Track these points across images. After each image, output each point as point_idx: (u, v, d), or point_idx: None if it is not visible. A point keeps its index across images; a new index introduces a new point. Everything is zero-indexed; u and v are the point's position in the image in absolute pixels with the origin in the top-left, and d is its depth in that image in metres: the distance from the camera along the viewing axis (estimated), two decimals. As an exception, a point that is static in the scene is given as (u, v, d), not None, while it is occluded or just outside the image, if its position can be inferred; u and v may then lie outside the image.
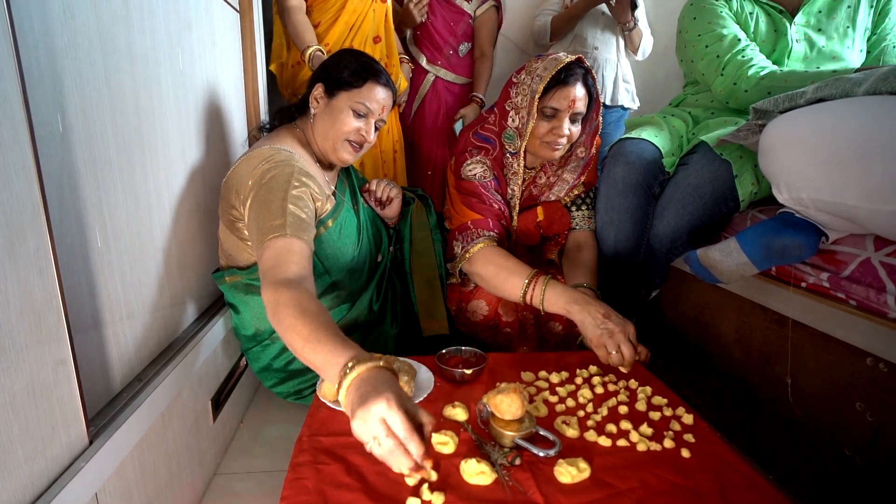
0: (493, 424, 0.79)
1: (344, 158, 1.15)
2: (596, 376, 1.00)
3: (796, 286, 0.99)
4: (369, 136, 1.15)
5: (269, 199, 0.95)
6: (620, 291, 1.41)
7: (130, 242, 0.83)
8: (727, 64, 1.29)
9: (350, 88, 1.11)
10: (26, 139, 0.56)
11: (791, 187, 0.87)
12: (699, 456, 0.77)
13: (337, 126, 1.12)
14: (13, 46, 0.54)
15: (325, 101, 1.14)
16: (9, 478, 0.53)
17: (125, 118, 0.82)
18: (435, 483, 0.70)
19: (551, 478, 0.71)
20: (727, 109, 1.36)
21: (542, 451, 0.75)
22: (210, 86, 1.21)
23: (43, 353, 0.58)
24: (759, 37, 1.33)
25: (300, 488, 0.68)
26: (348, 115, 1.11)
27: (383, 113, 1.16)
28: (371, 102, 1.12)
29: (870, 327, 0.84)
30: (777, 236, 0.93)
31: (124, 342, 0.81)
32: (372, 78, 1.12)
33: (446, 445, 0.77)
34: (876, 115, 0.75)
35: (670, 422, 0.85)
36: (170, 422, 0.89)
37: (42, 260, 0.58)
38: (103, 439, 0.68)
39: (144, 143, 0.88)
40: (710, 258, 1.02)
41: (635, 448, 0.79)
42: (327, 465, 0.73)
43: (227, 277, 1.13)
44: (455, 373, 0.97)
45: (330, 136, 1.13)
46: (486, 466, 0.71)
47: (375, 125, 1.16)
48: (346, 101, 1.12)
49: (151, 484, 0.82)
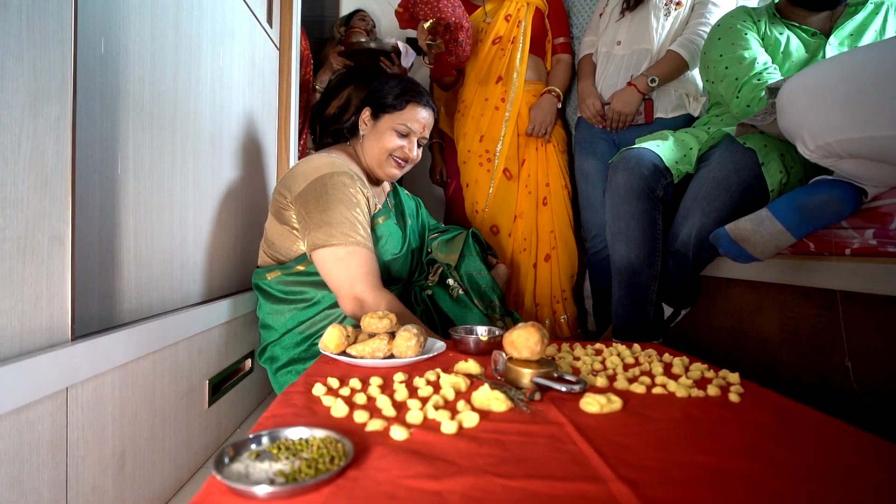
0: (510, 365, 0.71)
1: (390, 173, 1.23)
2: (625, 350, 0.90)
3: (840, 255, 0.91)
4: (412, 153, 1.22)
5: (340, 200, 1.05)
6: (640, 308, 1.33)
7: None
8: (743, 86, 1.32)
9: (393, 111, 1.21)
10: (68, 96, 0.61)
11: (816, 135, 0.83)
12: (751, 399, 0.66)
13: (381, 145, 1.20)
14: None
15: (371, 123, 1.24)
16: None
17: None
18: (439, 406, 0.61)
19: (576, 409, 0.61)
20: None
21: (565, 386, 0.66)
22: (248, 114, 1.31)
23: (41, 218, 0.57)
24: (789, 59, 1.32)
25: (287, 402, 0.61)
26: (392, 136, 1.20)
27: (424, 131, 1.24)
28: (412, 123, 1.20)
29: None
30: (812, 195, 0.88)
31: (136, 281, 0.79)
32: (413, 101, 1.21)
33: (456, 386, 0.69)
34: (890, 44, 0.74)
35: (713, 380, 0.74)
36: (160, 372, 0.83)
37: (61, 128, 0.60)
38: (86, 343, 0.63)
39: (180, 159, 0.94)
40: (741, 230, 0.97)
41: (674, 395, 0.68)
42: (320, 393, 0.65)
43: (267, 274, 1.14)
44: (470, 340, 0.89)
45: (376, 155, 1.21)
46: (501, 394, 0.62)
47: (418, 142, 1.24)
48: (389, 122, 1.21)
49: (129, 432, 0.74)
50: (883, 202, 0.85)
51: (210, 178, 1.10)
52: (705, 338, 1.35)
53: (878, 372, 0.86)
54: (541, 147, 1.86)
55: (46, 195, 0.58)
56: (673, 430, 0.55)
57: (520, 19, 1.86)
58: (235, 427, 1.18)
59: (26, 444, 0.54)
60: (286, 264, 1.13)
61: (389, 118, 1.20)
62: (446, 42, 1.75)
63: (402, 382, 0.69)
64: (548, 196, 1.85)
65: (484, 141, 1.86)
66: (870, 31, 1.28)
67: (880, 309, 0.85)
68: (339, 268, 1.02)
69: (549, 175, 1.86)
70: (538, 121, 1.80)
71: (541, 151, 1.86)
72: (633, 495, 0.40)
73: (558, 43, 1.95)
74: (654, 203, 1.29)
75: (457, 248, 1.33)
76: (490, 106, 1.86)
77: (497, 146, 1.85)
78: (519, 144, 1.87)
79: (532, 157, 1.86)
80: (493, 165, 1.84)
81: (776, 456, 0.48)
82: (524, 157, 1.87)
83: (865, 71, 0.75)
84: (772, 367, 1.11)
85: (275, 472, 0.41)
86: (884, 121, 0.74)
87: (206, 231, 1.08)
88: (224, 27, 1.15)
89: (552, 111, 1.82)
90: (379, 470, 0.43)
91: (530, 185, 1.85)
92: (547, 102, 1.82)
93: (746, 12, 1.36)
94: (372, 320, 0.85)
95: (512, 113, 1.84)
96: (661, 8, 1.66)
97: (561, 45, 1.94)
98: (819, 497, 0.41)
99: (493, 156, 1.85)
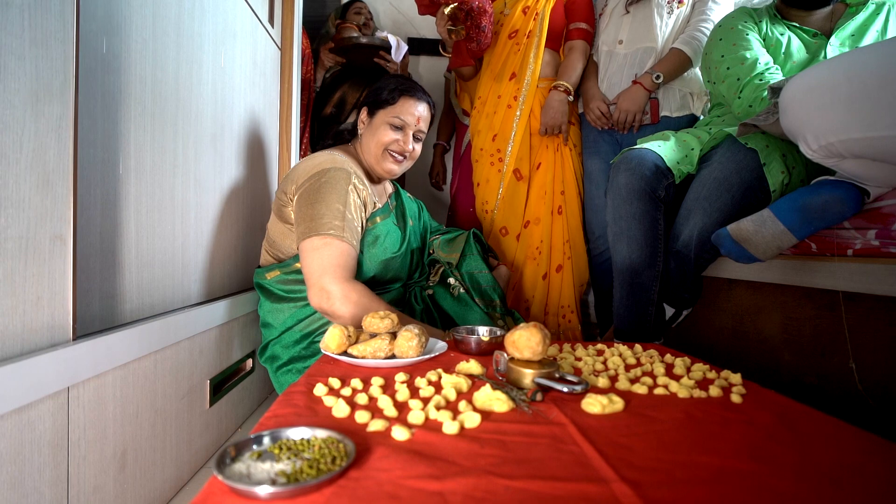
0: (512, 366, 0.71)
1: (388, 168, 1.22)
2: (627, 350, 0.90)
3: (842, 256, 0.91)
4: (407, 146, 1.22)
5: (328, 193, 1.04)
6: (641, 309, 1.33)
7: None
8: (745, 87, 1.31)
9: (386, 106, 1.21)
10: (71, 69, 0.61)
11: (818, 135, 0.83)
12: (753, 399, 0.66)
13: (376, 139, 1.20)
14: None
15: (368, 121, 1.24)
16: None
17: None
18: (441, 406, 0.61)
19: (578, 409, 0.61)
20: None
21: (567, 386, 0.65)
22: (249, 114, 1.31)
23: (42, 217, 0.57)
24: (790, 59, 1.31)
25: (288, 402, 0.60)
26: (386, 129, 1.20)
27: (419, 124, 1.23)
28: (406, 115, 1.20)
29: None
30: (814, 196, 0.88)
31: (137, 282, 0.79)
32: (406, 94, 1.21)
33: (457, 387, 0.68)
34: (892, 43, 0.74)
35: (715, 381, 0.74)
36: (161, 371, 0.83)
37: (63, 128, 0.59)
38: (87, 343, 0.63)
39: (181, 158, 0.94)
40: (743, 231, 0.97)
41: (676, 396, 0.68)
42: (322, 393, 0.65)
43: (267, 274, 1.14)
44: (471, 340, 0.89)
45: (373, 150, 1.21)
46: (503, 395, 0.62)
47: (416, 137, 1.24)
48: (383, 117, 1.21)
49: (130, 431, 0.74)
50: (885, 203, 0.85)
51: (212, 177, 1.10)
52: (707, 338, 1.35)
53: (880, 373, 0.85)
54: (557, 150, 1.76)
55: (48, 195, 0.58)
56: (675, 430, 0.55)
57: (538, 11, 1.75)
58: (237, 427, 1.18)
59: (27, 443, 0.54)
60: (285, 262, 1.13)
61: (383, 113, 1.20)
62: (467, 28, 1.66)
63: (404, 383, 0.69)
64: (563, 205, 1.76)
65: (496, 140, 1.78)
66: (871, 32, 1.28)
67: (882, 310, 0.85)
68: (312, 258, 1.01)
69: (564, 181, 1.77)
70: (547, 121, 1.70)
71: (557, 154, 1.76)
72: (635, 496, 0.39)
73: (574, 28, 1.78)
74: (656, 203, 1.28)
75: (458, 248, 1.33)
76: (503, 104, 1.78)
77: (508, 146, 1.77)
78: (532, 145, 1.77)
79: (548, 160, 1.76)
80: (504, 165, 1.76)
81: (778, 456, 0.48)
82: (539, 161, 1.77)
83: (869, 71, 0.75)
84: (773, 367, 1.10)
85: (276, 472, 0.41)
86: (887, 121, 0.74)
87: (208, 231, 1.08)
88: (226, 27, 1.15)
89: (561, 108, 1.69)
90: (381, 470, 0.43)
91: (546, 192, 1.75)
92: (554, 100, 1.70)
93: (747, 13, 1.36)
94: (373, 320, 0.85)
95: (524, 111, 1.75)
96: (664, 6, 1.66)
97: (577, 30, 1.77)
98: (821, 497, 0.41)
99: (504, 155, 1.77)
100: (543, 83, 1.78)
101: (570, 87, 1.71)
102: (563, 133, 1.72)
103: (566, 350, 0.92)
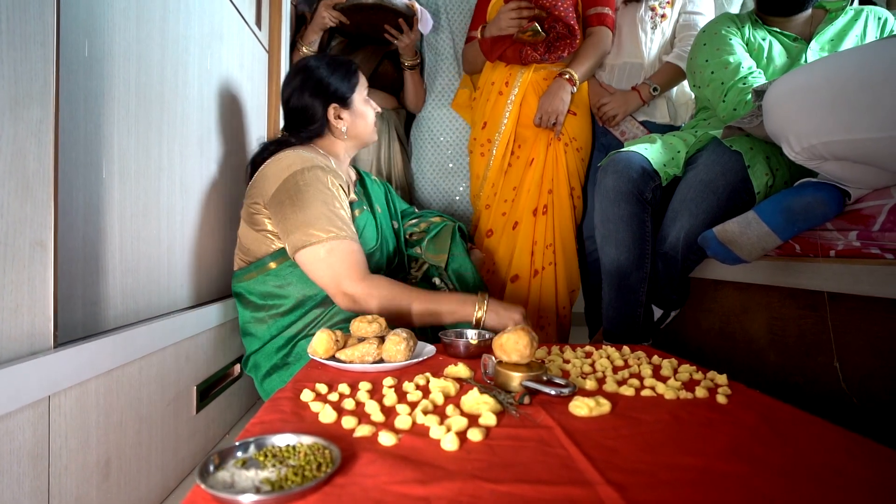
0: (500, 369, 0.71)
1: (375, 130, 1.30)
2: (615, 352, 0.90)
3: (825, 257, 0.93)
4: (377, 108, 1.30)
5: (314, 196, 1.03)
6: (630, 311, 1.34)
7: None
8: (729, 90, 1.33)
9: (354, 90, 1.23)
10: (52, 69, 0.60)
11: (801, 137, 0.84)
12: (738, 400, 0.66)
13: (367, 119, 1.26)
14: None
15: (346, 112, 1.22)
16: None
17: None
18: (428, 410, 0.61)
19: (565, 412, 0.61)
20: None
21: (554, 389, 0.66)
22: (236, 117, 1.30)
23: (22, 223, 0.56)
24: (772, 64, 1.34)
25: (275, 408, 0.60)
26: (368, 105, 1.26)
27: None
28: (364, 87, 1.27)
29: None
30: (797, 197, 0.89)
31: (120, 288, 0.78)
32: (353, 71, 1.24)
33: (445, 391, 0.68)
34: (873, 48, 0.75)
35: (701, 382, 0.75)
36: (147, 378, 0.81)
37: (43, 132, 0.59)
38: (69, 350, 0.62)
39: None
40: (728, 232, 0.98)
41: (662, 398, 0.68)
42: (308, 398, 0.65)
43: (244, 276, 1.12)
44: (460, 343, 0.89)
45: (368, 129, 1.27)
46: (491, 399, 0.62)
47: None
48: (359, 98, 1.24)
49: (115, 439, 0.73)
50: (865, 204, 0.87)
51: (198, 181, 1.09)
52: (694, 339, 1.36)
53: (863, 371, 0.87)
54: (549, 145, 1.62)
55: (28, 200, 0.57)
56: (661, 432, 0.55)
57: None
58: (224, 433, 1.17)
59: (6, 454, 0.53)
60: (260, 260, 1.09)
61: (357, 96, 1.23)
62: (545, 42, 1.55)
63: (392, 387, 0.69)
64: (549, 204, 1.62)
65: (486, 128, 1.66)
66: (850, 37, 1.30)
67: (864, 309, 0.86)
68: (322, 267, 1.00)
69: (554, 180, 1.62)
70: (544, 109, 1.56)
71: (551, 149, 1.62)
72: (620, 499, 0.40)
73: (592, 13, 1.63)
74: (643, 206, 1.29)
75: (444, 247, 1.32)
76: (495, 90, 1.65)
77: (496, 135, 1.64)
78: (525, 137, 1.64)
79: (540, 156, 1.62)
80: (492, 156, 1.65)
81: (763, 457, 0.48)
82: (532, 157, 1.63)
83: (849, 74, 0.76)
84: (759, 367, 1.12)
85: (261, 479, 0.41)
86: (865, 123, 0.75)
87: (194, 235, 1.07)
88: (212, 29, 1.14)
89: (563, 98, 1.56)
90: (366, 476, 0.43)
91: (530, 189, 1.62)
92: (557, 87, 1.57)
93: (731, 19, 1.38)
94: (361, 324, 0.84)
95: (516, 98, 1.62)
96: (648, 21, 1.68)
97: (596, 15, 1.62)
98: (805, 497, 0.41)
99: (493, 146, 1.65)
100: (539, 68, 1.64)
101: (575, 77, 1.59)
102: (558, 126, 1.59)
103: (554, 352, 0.92)
